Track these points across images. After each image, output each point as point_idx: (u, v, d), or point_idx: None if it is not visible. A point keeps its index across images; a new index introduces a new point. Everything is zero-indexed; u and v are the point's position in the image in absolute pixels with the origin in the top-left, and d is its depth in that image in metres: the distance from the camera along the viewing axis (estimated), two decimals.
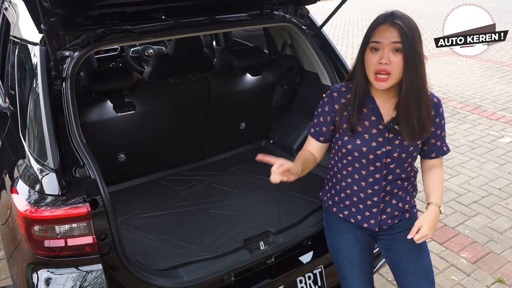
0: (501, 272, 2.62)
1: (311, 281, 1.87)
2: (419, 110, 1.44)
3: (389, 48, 1.38)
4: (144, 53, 3.76)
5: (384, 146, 1.51)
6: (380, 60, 1.39)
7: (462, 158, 4.03)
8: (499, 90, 5.89)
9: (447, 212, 3.21)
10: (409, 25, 1.38)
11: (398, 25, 1.37)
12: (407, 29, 1.36)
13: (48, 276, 1.45)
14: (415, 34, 1.38)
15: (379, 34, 1.40)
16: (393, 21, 1.38)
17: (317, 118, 1.64)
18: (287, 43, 2.57)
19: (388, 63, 1.38)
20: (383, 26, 1.39)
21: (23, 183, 1.50)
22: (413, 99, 1.42)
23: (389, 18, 1.40)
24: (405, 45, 1.36)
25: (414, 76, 1.39)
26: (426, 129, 1.48)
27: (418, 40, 1.39)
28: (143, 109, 2.16)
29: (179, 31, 1.97)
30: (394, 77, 1.40)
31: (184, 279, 1.64)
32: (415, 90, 1.41)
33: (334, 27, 10.59)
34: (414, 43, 1.37)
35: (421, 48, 1.40)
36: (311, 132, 1.67)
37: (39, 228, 1.41)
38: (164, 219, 2.14)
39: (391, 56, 1.38)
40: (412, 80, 1.40)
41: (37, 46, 1.70)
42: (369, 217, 1.64)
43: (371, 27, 1.43)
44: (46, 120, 1.53)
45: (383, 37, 1.39)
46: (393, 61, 1.38)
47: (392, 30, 1.38)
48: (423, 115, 1.45)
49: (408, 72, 1.38)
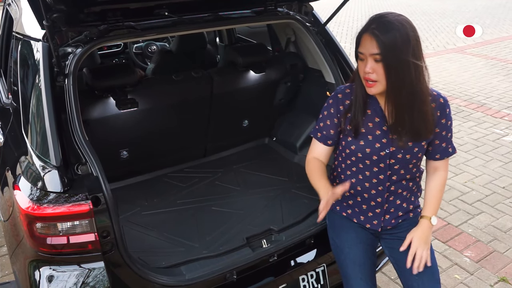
0: (504, 271, 2.60)
1: (314, 280, 1.87)
2: (410, 117, 1.42)
3: (371, 58, 1.37)
4: (147, 49, 3.75)
5: (388, 148, 1.50)
6: (365, 68, 1.39)
7: (466, 156, 4.01)
8: (504, 88, 5.85)
9: (451, 211, 3.20)
10: (390, 32, 1.33)
11: (375, 34, 1.34)
12: (386, 38, 1.32)
13: (50, 274, 1.45)
14: (398, 41, 1.33)
15: (362, 44, 1.39)
16: (372, 31, 1.35)
17: (323, 121, 1.61)
18: (290, 40, 2.55)
19: (371, 71, 1.38)
20: (365, 35, 1.38)
21: (25, 180, 1.50)
22: (401, 106, 1.41)
23: (370, 27, 1.37)
24: (383, 56, 1.34)
25: (399, 84, 1.37)
26: (421, 135, 1.46)
27: (403, 46, 1.33)
28: (146, 106, 2.15)
29: (183, 27, 1.96)
30: (381, 84, 1.39)
31: (187, 277, 1.64)
32: (402, 97, 1.39)
33: (338, 24, 10.55)
34: (396, 51, 1.33)
35: (409, 54, 1.34)
36: (318, 137, 1.63)
37: (41, 225, 1.41)
38: (166, 216, 2.13)
39: (374, 65, 1.37)
40: (395, 88, 1.38)
41: (40, 42, 1.69)
42: (372, 217, 1.63)
43: (358, 35, 1.42)
44: (49, 116, 1.52)
45: (364, 48, 1.38)
46: (377, 70, 1.37)
47: (371, 41, 1.35)
48: (415, 122, 1.42)
49: (391, 80, 1.37)
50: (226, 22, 2.19)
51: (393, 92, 1.39)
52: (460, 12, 12.12)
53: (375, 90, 1.42)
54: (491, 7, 12.85)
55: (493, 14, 11.66)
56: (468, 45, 8.37)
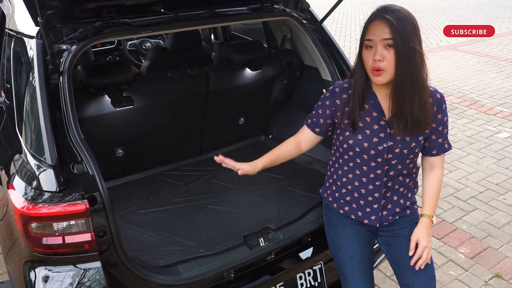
0: (499, 267, 2.63)
1: (311, 277, 1.87)
2: (412, 105, 1.43)
3: (382, 44, 1.37)
4: (141, 46, 3.72)
5: (385, 142, 1.50)
6: (374, 57, 1.39)
7: (460, 153, 4.03)
8: (497, 85, 5.89)
9: (445, 208, 3.22)
10: (401, 19, 1.35)
11: (388, 20, 1.35)
12: (398, 24, 1.34)
13: (46, 274, 1.43)
14: (408, 28, 1.35)
15: (371, 31, 1.40)
16: (383, 16, 1.37)
17: (316, 110, 1.65)
18: (286, 37, 2.54)
19: (381, 59, 1.38)
20: (375, 22, 1.39)
21: (20, 179, 1.48)
22: (405, 94, 1.41)
23: (380, 14, 1.39)
24: (396, 41, 1.35)
25: (407, 71, 1.38)
26: (420, 125, 1.46)
27: (411, 34, 1.36)
28: (141, 103, 2.13)
29: (178, 24, 1.94)
30: (390, 72, 1.39)
31: (184, 276, 1.63)
32: (408, 85, 1.40)
33: (332, 21, 10.55)
34: (406, 38, 1.35)
35: (415, 42, 1.37)
36: (308, 123, 1.69)
37: (37, 225, 1.39)
38: (162, 215, 2.12)
39: (384, 52, 1.38)
40: (403, 75, 1.38)
41: (34, 39, 1.67)
42: (370, 213, 1.63)
43: (365, 24, 1.43)
44: (43, 115, 1.50)
45: (375, 34, 1.38)
46: (387, 57, 1.38)
47: (382, 26, 1.37)
48: (415, 110, 1.43)
49: (400, 67, 1.37)
50: (222, 19, 2.18)
51: (400, 80, 1.40)
52: (452, 9, 12.19)
53: (382, 78, 1.41)
54: (483, 4, 12.93)
55: (485, 12, 11.74)
56: (461, 42, 8.42)
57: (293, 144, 1.72)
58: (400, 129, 1.48)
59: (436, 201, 1.64)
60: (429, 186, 1.64)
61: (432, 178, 1.64)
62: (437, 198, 1.64)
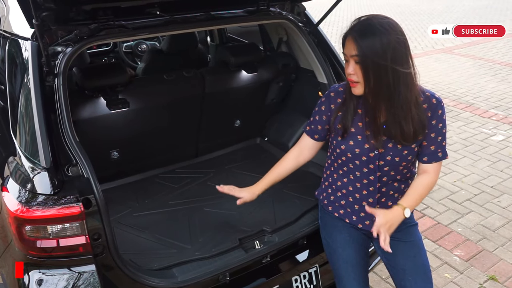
0: (493, 269, 2.64)
1: (306, 280, 1.87)
2: (387, 119, 1.44)
3: (352, 59, 1.41)
4: (137, 48, 3.71)
5: (376, 149, 1.50)
6: (347, 69, 1.43)
7: (455, 156, 4.05)
8: (492, 88, 5.93)
9: (440, 210, 3.23)
10: (369, 36, 1.35)
11: (354, 37, 1.38)
12: (364, 43, 1.35)
13: (40, 277, 1.42)
14: (377, 45, 1.34)
15: (345, 46, 1.43)
16: (352, 34, 1.39)
17: (313, 116, 1.66)
18: (282, 40, 2.54)
19: (353, 73, 1.42)
20: (348, 37, 1.41)
21: (14, 182, 1.47)
22: (377, 108, 1.44)
23: (351, 29, 1.41)
24: (361, 58, 1.37)
25: (376, 87, 1.39)
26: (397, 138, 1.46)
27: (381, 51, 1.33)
28: (136, 106, 2.12)
29: (174, 27, 1.94)
30: (361, 85, 1.42)
31: (179, 279, 1.62)
32: (380, 99, 1.42)
33: (328, 23, 10.58)
34: (373, 55, 1.34)
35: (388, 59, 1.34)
36: (307, 130, 1.71)
37: (31, 228, 1.38)
38: (158, 217, 2.11)
39: (354, 66, 1.41)
40: (373, 90, 1.40)
41: (29, 41, 1.66)
42: (364, 218, 1.63)
43: (343, 36, 1.44)
44: (38, 117, 1.49)
45: (347, 49, 1.42)
46: (357, 71, 1.41)
47: (351, 42, 1.39)
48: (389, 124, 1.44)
49: (368, 82, 1.40)
50: (219, 21, 2.18)
51: (371, 94, 1.43)
52: (448, 13, 12.25)
53: (357, 90, 1.45)
54: (478, 7, 13.02)
55: (480, 15, 11.81)
56: (456, 45, 8.47)
57: (294, 155, 1.74)
58: (379, 141, 1.48)
59: (416, 198, 1.54)
60: (415, 184, 1.57)
61: (420, 179, 1.57)
62: (418, 196, 1.54)
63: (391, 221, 1.47)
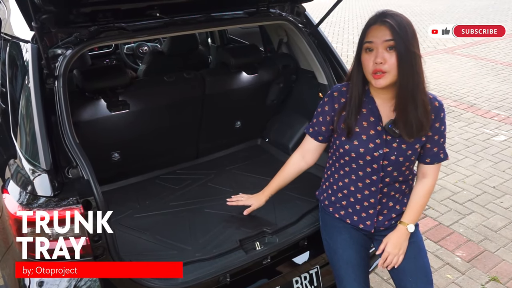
0: (495, 270, 2.63)
1: (307, 281, 1.86)
2: (415, 108, 1.43)
3: (383, 47, 1.38)
4: (138, 50, 3.72)
5: (381, 148, 1.50)
6: (375, 59, 1.39)
7: (456, 156, 4.04)
8: (493, 88, 5.91)
9: (442, 211, 3.22)
10: (400, 23, 1.37)
11: (389, 23, 1.37)
12: (398, 27, 1.36)
13: (41, 279, 1.43)
14: (408, 31, 1.37)
15: (371, 34, 1.40)
16: (383, 20, 1.38)
17: (317, 117, 1.64)
18: (283, 41, 2.54)
19: (383, 62, 1.38)
20: (375, 26, 1.40)
21: (15, 184, 1.47)
22: (409, 97, 1.42)
23: (379, 18, 1.40)
24: (397, 42, 1.36)
25: (409, 73, 1.38)
26: (423, 128, 1.46)
27: (411, 38, 1.37)
28: (137, 107, 2.13)
29: (174, 29, 1.94)
30: (391, 74, 1.39)
31: (179, 281, 1.62)
32: (410, 87, 1.40)
33: (329, 24, 10.58)
34: (407, 40, 1.36)
35: (415, 46, 1.39)
36: (310, 132, 1.68)
37: (31, 230, 1.38)
38: (158, 219, 2.11)
39: (385, 54, 1.38)
40: (407, 77, 1.39)
41: (29, 44, 1.67)
42: (365, 218, 1.63)
43: (364, 28, 1.44)
44: (38, 119, 1.50)
45: (376, 37, 1.39)
46: (388, 59, 1.38)
47: (383, 29, 1.37)
48: (419, 113, 1.43)
49: (403, 69, 1.38)
50: (218, 23, 2.18)
51: (402, 82, 1.40)
52: (449, 13, 12.24)
53: (384, 81, 1.41)
54: (479, 7, 13.00)
55: (482, 15, 11.79)
56: (458, 45, 8.45)
57: (297, 159, 1.75)
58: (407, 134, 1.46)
59: (418, 210, 1.61)
60: (414, 194, 1.62)
61: (420, 188, 1.61)
62: (419, 208, 1.61)
63: (399, 245, 1.59)
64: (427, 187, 1.61)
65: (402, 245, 1.59)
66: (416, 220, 1.62)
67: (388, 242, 1.59)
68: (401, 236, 1.59)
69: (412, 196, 1.63)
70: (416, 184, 1.64)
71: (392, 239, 1.59)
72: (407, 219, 1.60)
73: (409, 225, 1.59)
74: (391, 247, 1.59)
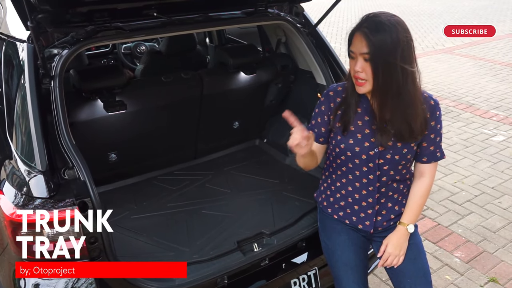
0: (494, 271, 2.62)
1: (306, 283, 1.85)
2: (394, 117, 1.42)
3: (361, 57, 1.38)
4: (136, 49, 3.70)
5: (376, 147, 1.49)
6: (354, 67, 1.40)
7: (455, 157, 4.03)
8: (492, 88, 5.91)
9: (441, 211, 3.21)
10: (381, 33, 1.33)
11: (366, 34, 1.35)
12: (376, 38, 1.33)
13: (36, 282, 1.42)
14: (387, 43, 1.33)
15: (353, 43, 1.40)
16: (362, 30, 1.36)
17: (315, 119, 1.63)
18: (281, 41, 2.53)
19: (361, 71, 1.39)
20: (356, 34, 1.39)
21: (10, 185, 1.46)
22: (385, 106, 1.42)
23: (362, 25, 1.38)
24: (372, 56, 1.35)
25: (385, 85, 1.38)
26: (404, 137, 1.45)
27: (391, 49, 1.33)
28: (134, 108, 2.11)
29: (172, 28, 1.93)
30: (369, 83, 1.40)
31: (177, 283, 1.61)
32: (388, 98, 1.40)
33: (328, 24, 10.57)
34: (384, 53, 1.33)
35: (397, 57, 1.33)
36: None
37: (26, 231, 1.37)
38: (156, 220, 2.10)
39: (363, 64, 1.38)
40: (381, 88, 1.39)
41: (25, 44, 1.65)
42: (364, 218, 1.62)
43: (350, 33, 1.42)
44: (34, 119, 1.48)
45: (355, 47, 1.39)
46: (366, 69, 1.38)
47: (361, 39, 1.36)
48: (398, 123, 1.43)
49: (378, 80, 1.38)
50: (216, 23, 2.17)
51: (378, 92, 1.41)
52: (448, 13, 12.25)
53: (364, 89, 1.43)
54: (478, 7, 13.00)
55: (480, 15, 11.80)
56: (457, 45, 8.45)
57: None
58: (383, 139, 1.47)
59: (417, 210, 1.61)
60: (412, 194, 1.61)
61: (417, 187, 1.61)
62: (418, 207, 1.61)
63: (400, 246, 1.58)
64: (424, 187, 1.61)
65: (403, 245, 1.59)
66: (416, 220, 1.61)
67: (389, 243, 1.59)
68: (401, 237, 1.59)
69: (410, 196, 1.62)
70: (413, 183, 1.63)
71: (392, 240, 1.59)
72: (406, 219, 1.59)
73: (409, 225, 1.58)
74: (392, 248, 1.58)
